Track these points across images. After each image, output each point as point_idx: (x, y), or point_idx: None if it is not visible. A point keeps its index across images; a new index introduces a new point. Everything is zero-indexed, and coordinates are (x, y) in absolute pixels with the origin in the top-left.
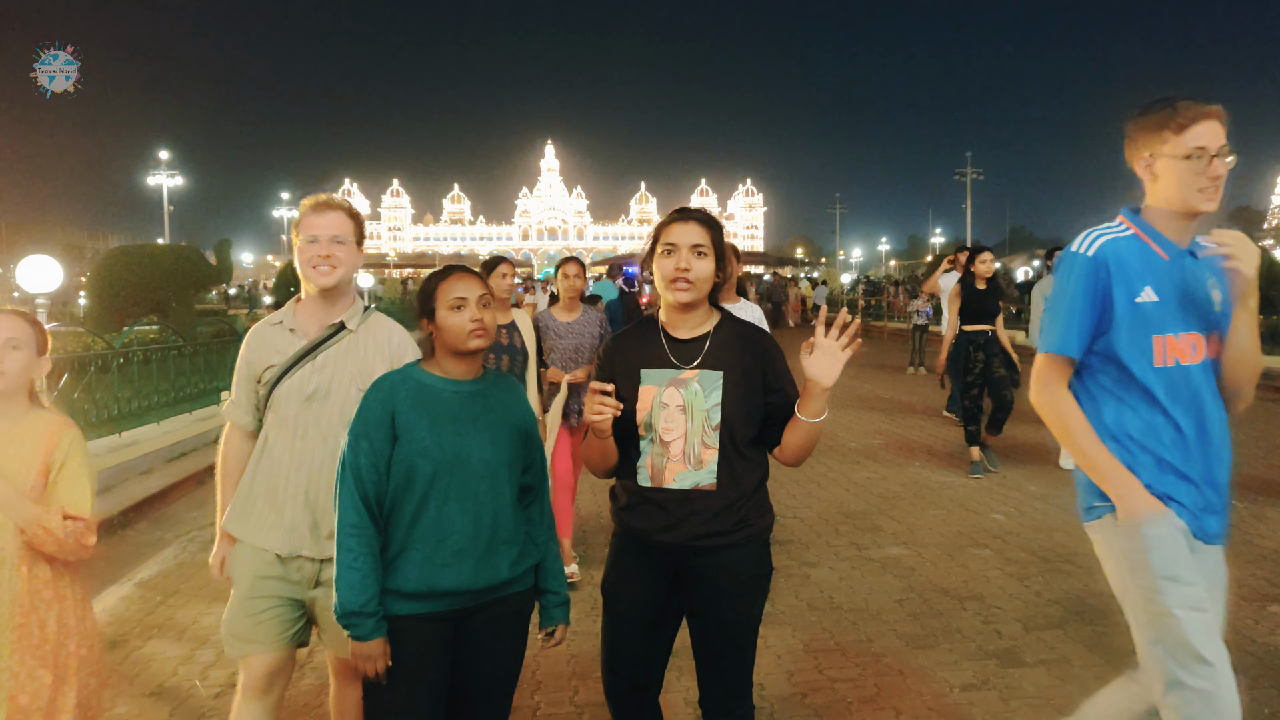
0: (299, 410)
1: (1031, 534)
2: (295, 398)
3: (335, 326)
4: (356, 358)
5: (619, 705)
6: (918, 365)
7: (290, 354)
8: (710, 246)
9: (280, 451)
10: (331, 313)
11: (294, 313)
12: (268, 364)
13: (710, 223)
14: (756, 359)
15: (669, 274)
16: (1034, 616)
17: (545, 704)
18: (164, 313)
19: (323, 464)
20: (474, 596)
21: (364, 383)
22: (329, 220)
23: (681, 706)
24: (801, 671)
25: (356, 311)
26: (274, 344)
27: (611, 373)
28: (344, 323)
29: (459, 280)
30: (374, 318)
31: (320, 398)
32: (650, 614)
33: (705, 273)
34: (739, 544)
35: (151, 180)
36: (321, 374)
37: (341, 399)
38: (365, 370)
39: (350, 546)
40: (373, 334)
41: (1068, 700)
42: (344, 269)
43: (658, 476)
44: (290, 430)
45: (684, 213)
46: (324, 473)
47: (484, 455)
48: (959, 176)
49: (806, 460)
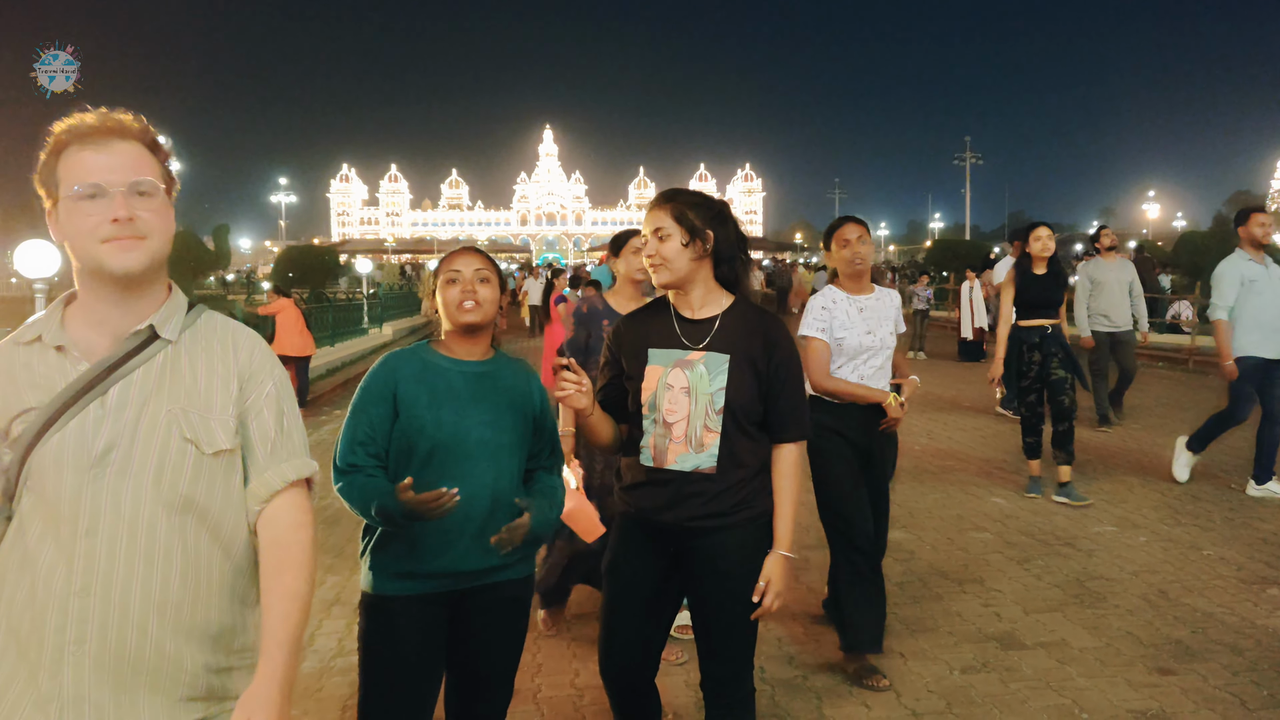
0: (80, 484)
1: (1031, 517)
2: (73, 463)
3: (141, 336)
4: (181, 385)
5: (615, 685)
6: (918, 350)
7: (60, 389)
8: (673, 224)
9: (47, 562)
10: (132, 314)
11: (62, 320)
12: (18, 410)
13: (668, 201)
14: (763, 345)
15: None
16: (1033, 599)
17: (546, 686)
18: None
19: (132, 579)
20: (466, 579)
21: (196, 426)
22: (118, 158)
23: (682, 689)
24: (802, 654)
25: (177, 310)
26: (28, 374)
27: (620, 351)
28: (155, 329)
29: (459, 256)
30: (207, 320)
31: (119, 459)
32: (648, 593)
33: (670, 252)
34: (738, 525)
35: None
36: (119, 418)
37: (158, 459)
38: (198, 404)
39: (349, 482)
40: (206, 345)
41: (1067, 682)
42: (156, 239)
43: (660, 457)
44: (66, 521)
45: (651, 202)
46: (137, 598)
47: (483, 436)
48: (958, 161)
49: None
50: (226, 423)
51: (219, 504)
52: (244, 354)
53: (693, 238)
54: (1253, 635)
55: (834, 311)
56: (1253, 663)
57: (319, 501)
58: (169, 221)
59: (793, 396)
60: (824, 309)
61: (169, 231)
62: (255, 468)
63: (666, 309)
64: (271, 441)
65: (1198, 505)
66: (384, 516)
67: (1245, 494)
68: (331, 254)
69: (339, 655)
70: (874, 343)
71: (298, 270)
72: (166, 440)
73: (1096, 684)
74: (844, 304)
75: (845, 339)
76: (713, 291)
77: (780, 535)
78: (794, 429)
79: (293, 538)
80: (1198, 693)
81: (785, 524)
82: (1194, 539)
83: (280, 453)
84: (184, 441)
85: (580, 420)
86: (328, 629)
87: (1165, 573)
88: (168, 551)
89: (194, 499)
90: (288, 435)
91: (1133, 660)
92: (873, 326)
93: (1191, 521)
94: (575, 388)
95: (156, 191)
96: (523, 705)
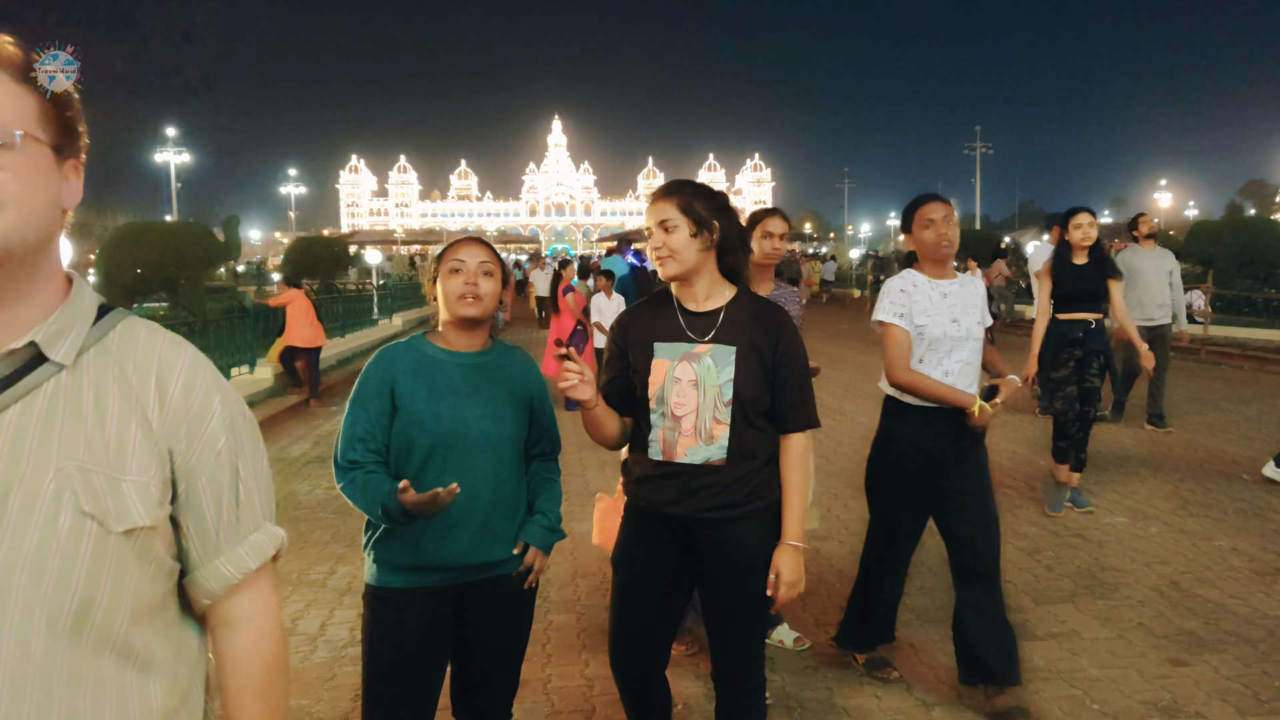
0: None
1: (1040, 508)
2: None
3: (17, 360)
4: (79, 432)
5: (625, 677)
6: None
7: None
8: (680, 216)
9: None
10: (4, 327)
11: None
12: None
13: (674, 192)
14: (768, 336)
15: (653, 254)
16: (1044, 590)
17: (556, 676)
18: (173, 290)
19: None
20: (470, 571)
21: (100, 493)
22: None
23: (691, 680)
24: (813, 645)
25: (76, 320)
26: None
27: (625, 345)
28: (39, 348)
29: (462, 245)
30: (124, 333)
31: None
32: (659, 586)
33: (678, 243)
34: (749, 516)
35: (159, 157)
36: None
37: (38, 544)
38: (103, 460)
39: (350, 480)
40: (120, 372)
41: (1078, 673)
42: (15, 210)
43: (669, 450)
44: None
45: (654, 193)
46: None
47: (483, 429)
48: (968, 151)
49: None
50: (146, 488)
51: (131, 609)
52: (179, 386)
53: (700, 228)
54: (1265, 626)
55: (914, 296)
56: (1265, 654)
57: (332, 491)
58: (44, 186)
59: (798, 385)
60: (902, 291)
61: (45, 200)
62: (201, 552)
63: (670, 302)
64: (224, 516)
65: (1209, 496)
66: (386, 515)
67: (1257, 481)
68: (341, 245)
69: (351, 644)
70: (959, 333)
71: (307, 261)
72: (54, 515)
73: (1108, 675)
74: (925, 288)
75: (927, 327)
76: (717, 283)
77: (789, 527)
78: (800, 418)
79: (256, 654)
80: (1210, 684)
81: (794, 515)
82: (1206, 530)
83: (236, 530)
84: (81, 516)
85: (584, 413)
86: (340, 618)
87: (1177, 564)
88: (50, 690)
89: (93, 603)
90: (246, 503)
91: (1145, 651)
92: (958, 315)
93: (1203, 513)
94: (578, 378)
95: (14, 143)
96: (533, 695)
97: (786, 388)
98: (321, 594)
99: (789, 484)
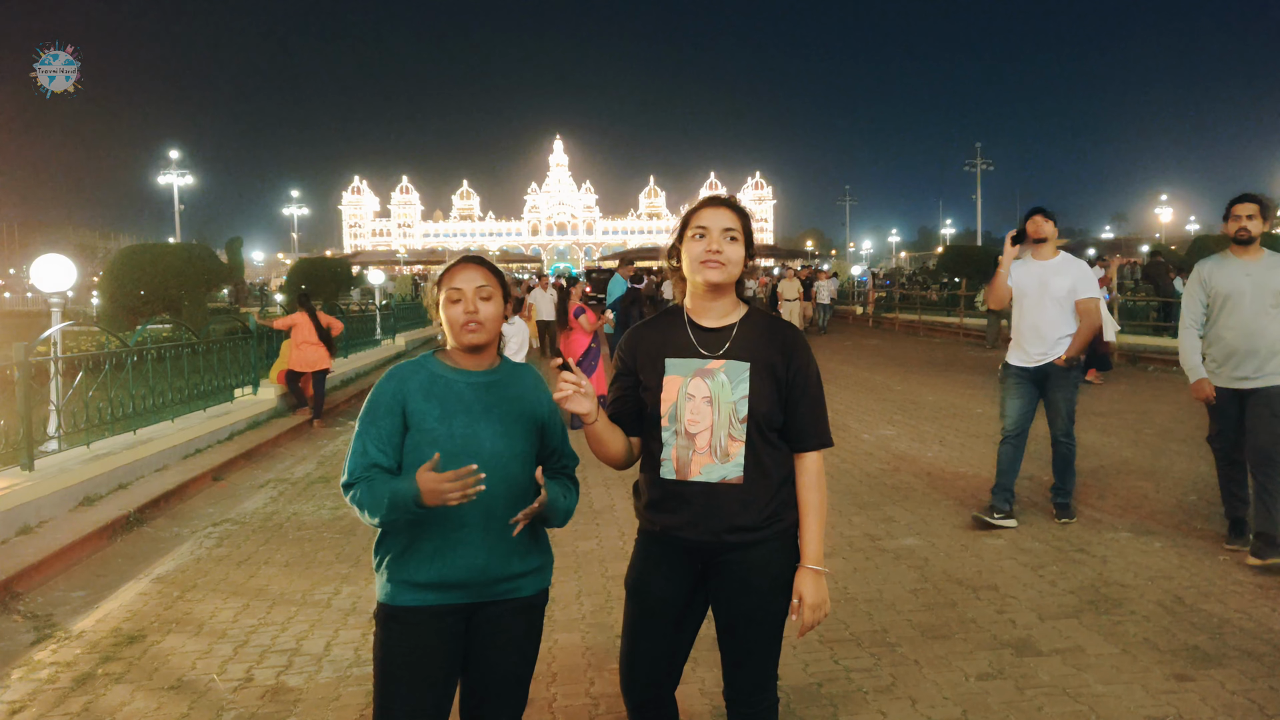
0: None
1: (1045, 523)
2: None
3: None
4: None
5: (637, 702)
6: None
7: None
8: (741, 232)
9: None
10: None
11: None
12: None
13: (741, 211)
14: (781, 352)
15: (699, 256)
16: (1048, 605)
17: (561, 695)
18: (176, 311)
19: None
20: (485, 589)
21: None
22: None
23: (697, 697)
24: (817, 662)
25: None
26: None
27: (634, 362)
28: None
29: (460, 271)
30: None
31: None
32: (676, 611)
33: (736, 256)
34: (768, 540)
35: (162, 179)
36: None
37: None
38: None
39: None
40: None
41: (1083, 689)
42: None
43: (683, 469)
44: None
45: (715, 199)
46: None
47: (496, 446)
48: (969, 167)
49: None
50: None
51: None
52: None
53: (748, 249)
54: (1271, 641)
55: None
56: (1271, 668)
57: (336, 511)
58: None
59: (812, 403)
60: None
61: None
62: None
63: (680, 318)
64: None
65: (1212, 510)
66: (398, 505)
67: None
68: (344, 266)
69: (356, 664)
70: None
71: (310, 282)
72: None
73: (1113, 690)
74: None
75: None
76: (733, 301)
77: (809, 550)
78: (815, 437)
79: None
80: (1216, 699)
81: (813, 538)
82: (1209, 545)
83: None
84: None
85: (585, 429)
86: (344, 638)
87: (1181, 578)
88: None
89: None
90: None
91: (1149, 666)
92: None
93: (1206, 526)
94: (574, 388)
95: None
96: (539, 715)
97: (801, 405)
98: (326, 614)
99: (807, 505)
